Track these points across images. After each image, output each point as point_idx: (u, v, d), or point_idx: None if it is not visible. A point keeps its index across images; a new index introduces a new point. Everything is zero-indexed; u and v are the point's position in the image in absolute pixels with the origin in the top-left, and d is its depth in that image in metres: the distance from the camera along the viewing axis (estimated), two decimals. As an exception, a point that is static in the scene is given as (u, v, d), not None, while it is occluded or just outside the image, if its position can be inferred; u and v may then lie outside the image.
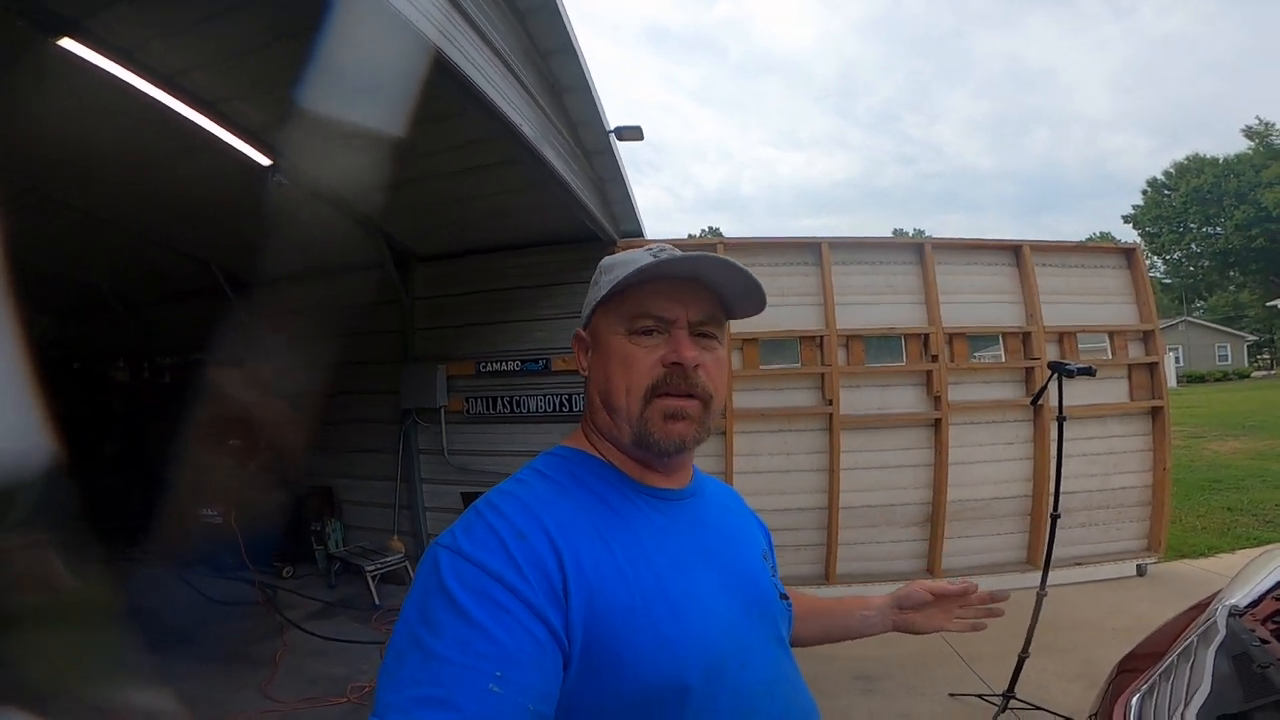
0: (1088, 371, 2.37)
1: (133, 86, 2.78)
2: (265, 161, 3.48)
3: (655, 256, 0.69)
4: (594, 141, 3.87)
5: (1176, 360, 27.92)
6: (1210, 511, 6.05)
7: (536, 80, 3.17)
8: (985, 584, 3.56)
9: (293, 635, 3.77)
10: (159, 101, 2.91)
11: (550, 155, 3.31)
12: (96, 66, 2.62)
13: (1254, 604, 1.54)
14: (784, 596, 0.80)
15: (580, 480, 0.70)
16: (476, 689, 0.50)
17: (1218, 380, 26.19)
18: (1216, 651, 1.33)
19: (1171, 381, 24.88)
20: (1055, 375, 2.35)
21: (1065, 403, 4.00)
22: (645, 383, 0.68)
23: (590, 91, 3.48)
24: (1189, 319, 32.07)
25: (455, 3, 2.32)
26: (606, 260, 0.76)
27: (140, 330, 6.45)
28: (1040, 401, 2.65)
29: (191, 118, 3.08)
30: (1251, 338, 31.61)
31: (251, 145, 3.39)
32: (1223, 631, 1.39)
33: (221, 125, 3.21)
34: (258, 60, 2.77)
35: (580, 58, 3.26)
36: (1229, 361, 29.45)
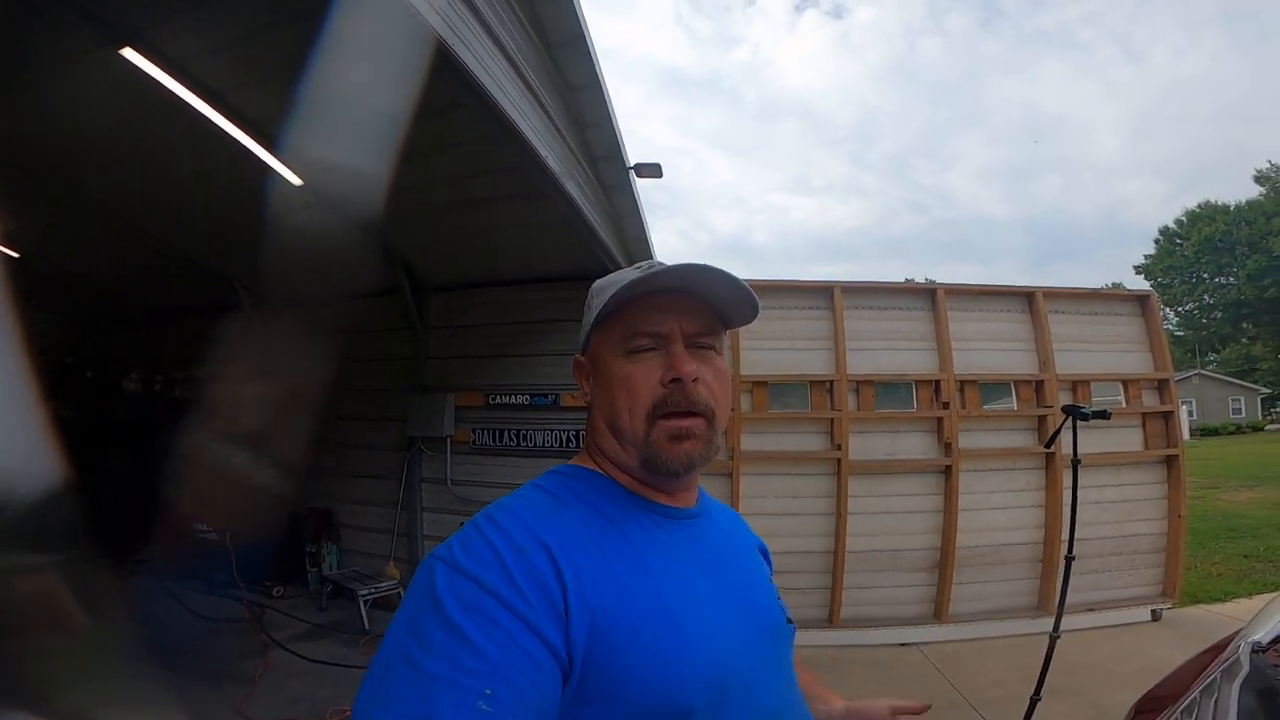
0: (1103, 415, 2.36)
1: (179, 99, 2.84)
2: (298, 181, 3.56)
3: (643, 273, 0.68)
4: (613, 177, 3.93)
5: (1190, 413, 27.57)
6: (1226, 559, 6.03)
7: (563, 113, 3.24)
8: (996, 629, 3.48)
9: (277, 655, 3.71)
10: (203, 115, 2.97)
11: (572, 188, 3.36)
12: (150, 78, 2.67)
13: (1276, 640, 1.52)
14: (790, 620, 0.78)
15: (581, 496, 0.68)
16: (464, 707, 0.49)
17: (1231, 433, 25.87)
18: (1240, 687, 1.32)
19: (1185, 434, 24.57)
20: (1070, 419, 2.33)
21: (1083, 450, 4.00)
22: (647, 404, 0.67)
23: (613, 126, 3.55)
24: (1202, 372, 31.76)
25: (491, 32, 2.37)
26: (597, 284, 0.75)
27: (156, 342, 6.53)
28: (1053, 447, 2.62)
29: (234, 134, 3.15)
30: (1265, 391, 31.20)
31: (286, 165, 3.45)
32: (1246, 667, 1.37)
33: (260, 143, 3.28)
34: (293, 77, 2.87)
35: (605, 94, 3.33)
36: (1243, 415, 29.07)
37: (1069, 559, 2.44)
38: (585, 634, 0.56)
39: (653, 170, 3.77)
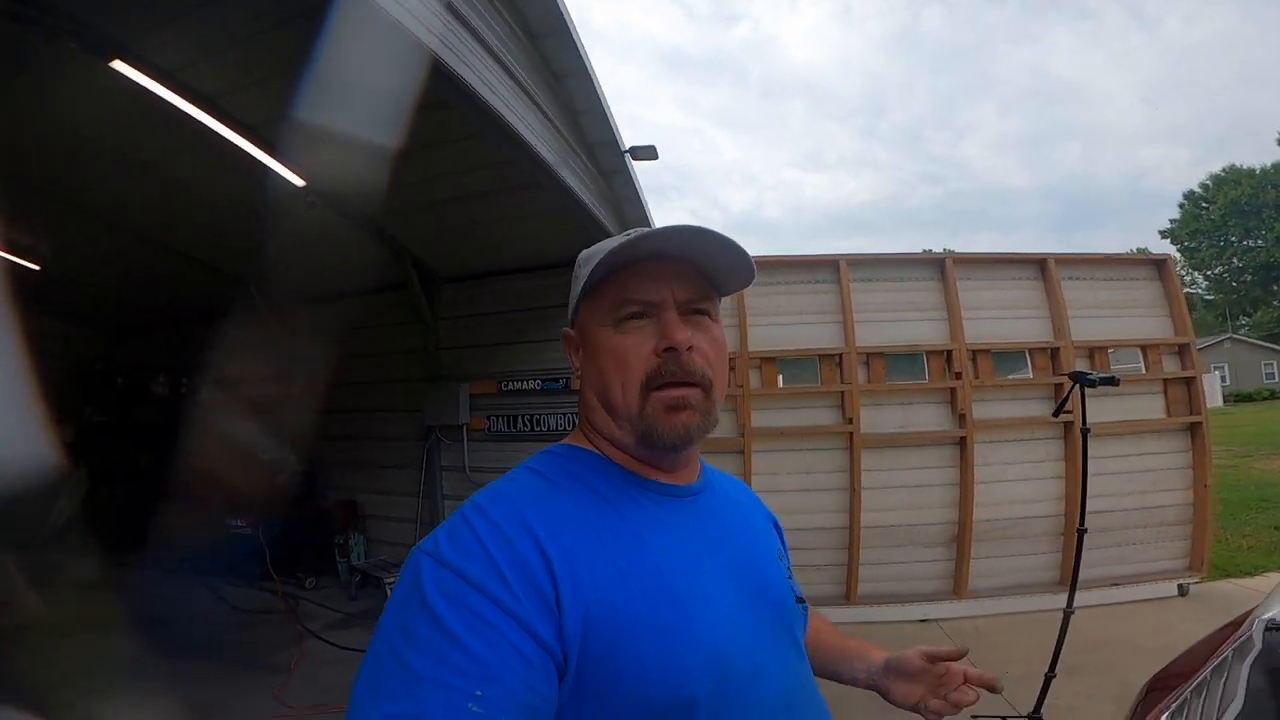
0: (1110, 381, 2.31)
1: (177, 108, 2.92)
2: (299, 182, 3.63)
3: (629, 238, 0.66)
4: (610, 162, 3.94)
5: (1223, 379, 26.83)
6: (1257, 530, 5.84)
7: (552, 103, 3.25)
8: (1017, 604, 3.44)
9: (311, 644, 3.83)
10: (201, 123, 3.05)
11: (568, 177, 3.38)
12: (145, 89, 2.75)
13: None
14: (800, 600, 0.76)
15: (575, 476, 0.66)
16: (453, 708, 0.48)
17: (1265, 399, 25.10)
18: (1252, 665, 1.26)
19: (1218, 400, 23.96)
20: (1077, 386, 2.30)
21: (1099, 419, 3.90)
22: (640, 375, 0.64)
23: (605, 113, 3.55)
24: (1234, 336, 30.86)
25: (472, 29, 2.40)
26: (584, 253, 0.72)
27: (180, 346, 6.71)
28: (1063, 415, 2.59)
29: (233, 140, 3.22)
30: (1301, 354, 30.23)
31: (287, 166, 3.52)
32: (1259, 645, 1.30)
33: (260, 147, 3.35)
34: (288, 82, 2.92)
35: (594, 80, 3.33)
36: (1276, 379, 28.20)
37: (1081, 532, 2.41)
38: (580, 625, 0.54)
39: (648, 152, 3.77)
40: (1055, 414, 2.48)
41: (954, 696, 0.79)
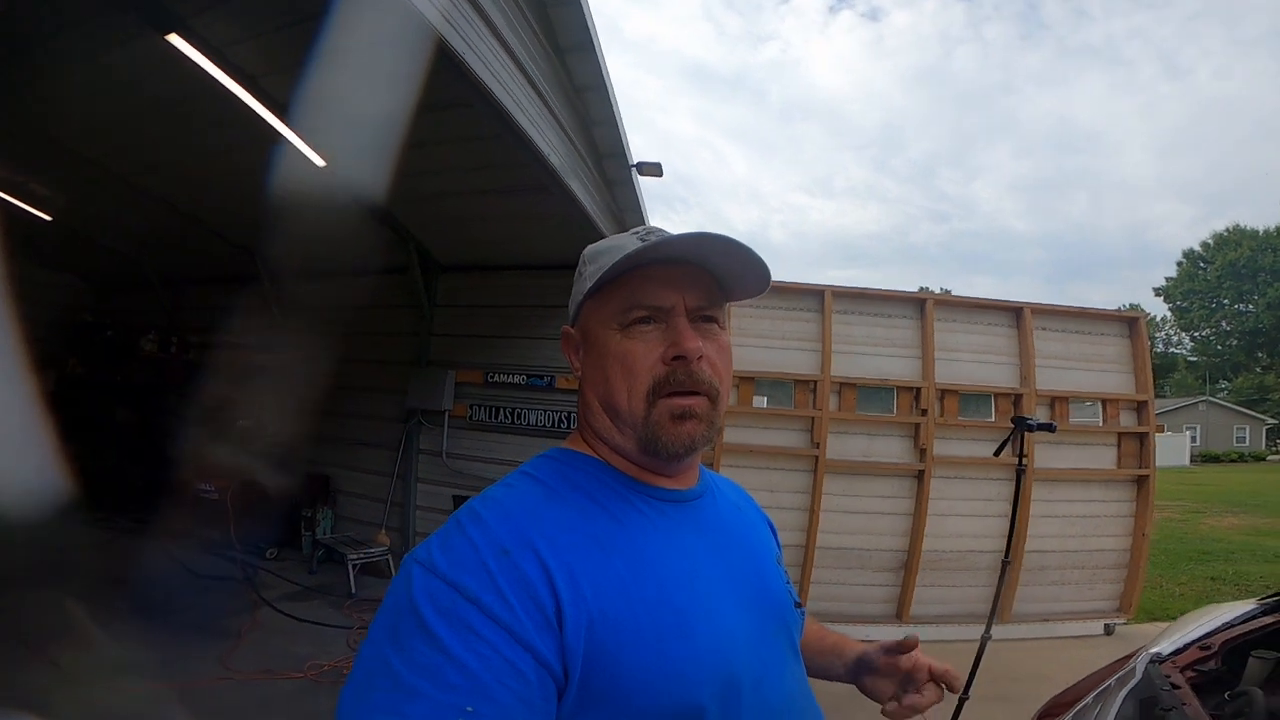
0: (1048, 428, 2.51)
1: (219, 83, 3.03)
2: (321, 163, 3.74)
3: (643, 240, 0.64)
4: (617, 173, 4.10)
5: (1193, 439, 27.43)
6: (1192, 580, 6.17)
7: (569, 113, 3.41)
8: (953, 633, 3.62)
9: (265, 613, 3.88)
10: (236, 97, 3.16)
11: (575, 185, 3.54)
12: (191, 61, 2.86)
13: (1178, 652, 1.64)
14: (798, 604, 0.75)
15: (574, 483, 0.64)
16: None
17: (1233, 460, 25.73)
18: (1127, 695, 1.39)
19: (1185, 460, 24.51)
20: (1017, 430, 2.50)
21: (1054, 465, 4.12)
22: (647, 382, 0.63)
23: (618, 126, 3.71)
24: (1210, 399, 31.55)
25: (502, 40, 2.54)
26: (590, 249, 0.70)
27: (174, 306, 6.77)
28: (1010, 457, 2.77)
29: (265, 116, 3.33)
30: (1272, 421, 30.97)
31: (311, 147, 3.63)
32: (1138, 676, 1.44)
33: (286, 124, 3.45)
34: (326, 73, 3.04)
35: (611, 95, 3.49)
36: (1247, 444, 28.90)
37: (1005, 562, 2.60)
38: (583, 639, 0.53)
39: (654, 169, 3.93)
40: (996, 453, 2.67)
41: (908, 700, 0.77)
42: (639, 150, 3.97)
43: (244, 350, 5.02)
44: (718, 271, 0.67)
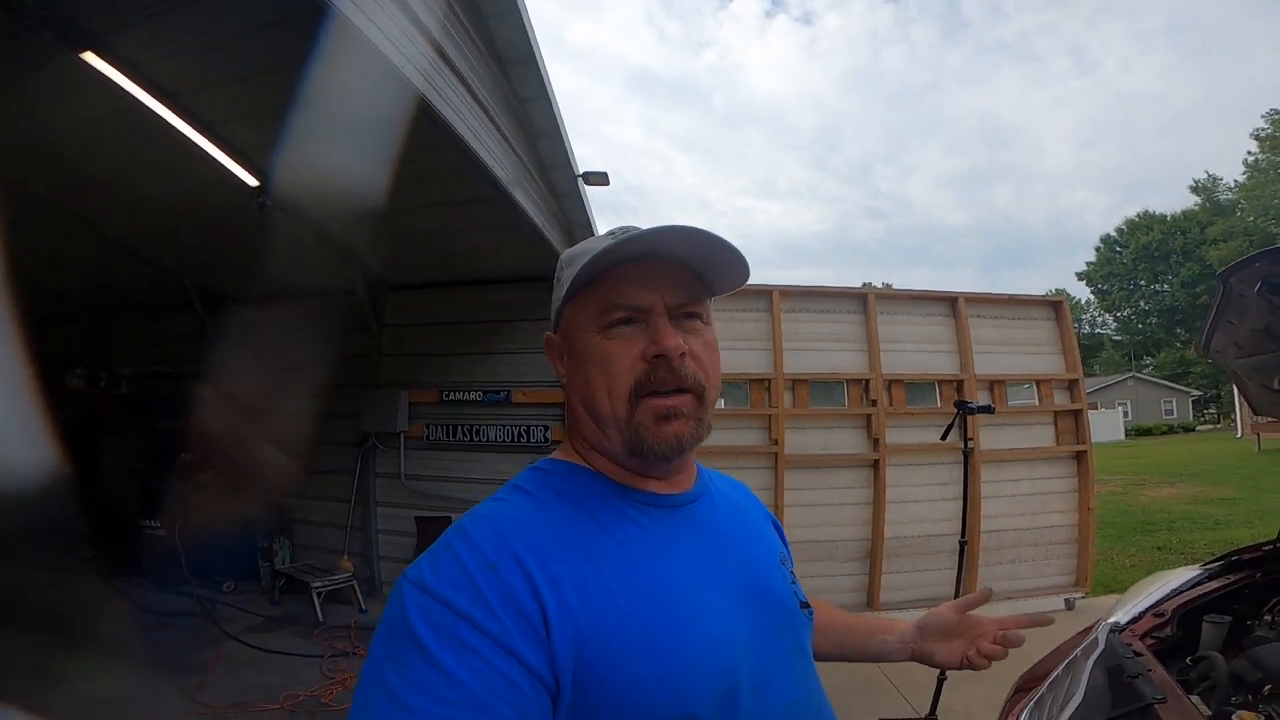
0: (987, 410, 2.65)
1: (139, 101, 2.93)
2: (253, 182, 3.62)
3: (616, 238, 0.62)
4: (563, 185, 4.11)
5: (1125, 414, 29.11)
6: (1140, 551, 6.46)
7: (512, 125, 3.40)
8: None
9: (229, 646, 3.76)
10: (160, 116, 3.06)
11: (521, 197, 3.53)
12: (110, 80, 2.76)
13: (1134, 620, 1.72)
14: (805, 605, 0.74)
15: (563, 494, 0.64)
16: None
17: (1164, 433, 27.35)
18: (1094, 664, 1.45)
19: (1120, 434, 26.02)
20: (960, 413, 2.62)
21: (998, 446, 4.29)
22: (628, 382, 0.62)
23: (562, 138, 3.73)
24: (1137, 375, 33.54)
25: (441, 52, 2.53)
26: (566, 254, 0.69)
27: (102, 339, 6.40)
28: (956, 440, 2.89)
29: (189, 135, 3.22)
30: (1196, 393, 33.16)
31: (242, 165, 3.53)
32: (1102, 645, 1.50)
33: (216, 144, 3.36)
34: (255, 87, 2.96)
35: (554, 106, 3.50)
36: (1175, 416, 30.81)
37: (962, 544, 2.71)
38: (570, 650, 0.53)
39: (600, 178, 3.96)
40: (943, 437, 2.78)
41: (985, 648, 0.84)
42: (589, 161, 4.01)
43: (180, 381, 4.80)
44: (695, 265, 0.66)
